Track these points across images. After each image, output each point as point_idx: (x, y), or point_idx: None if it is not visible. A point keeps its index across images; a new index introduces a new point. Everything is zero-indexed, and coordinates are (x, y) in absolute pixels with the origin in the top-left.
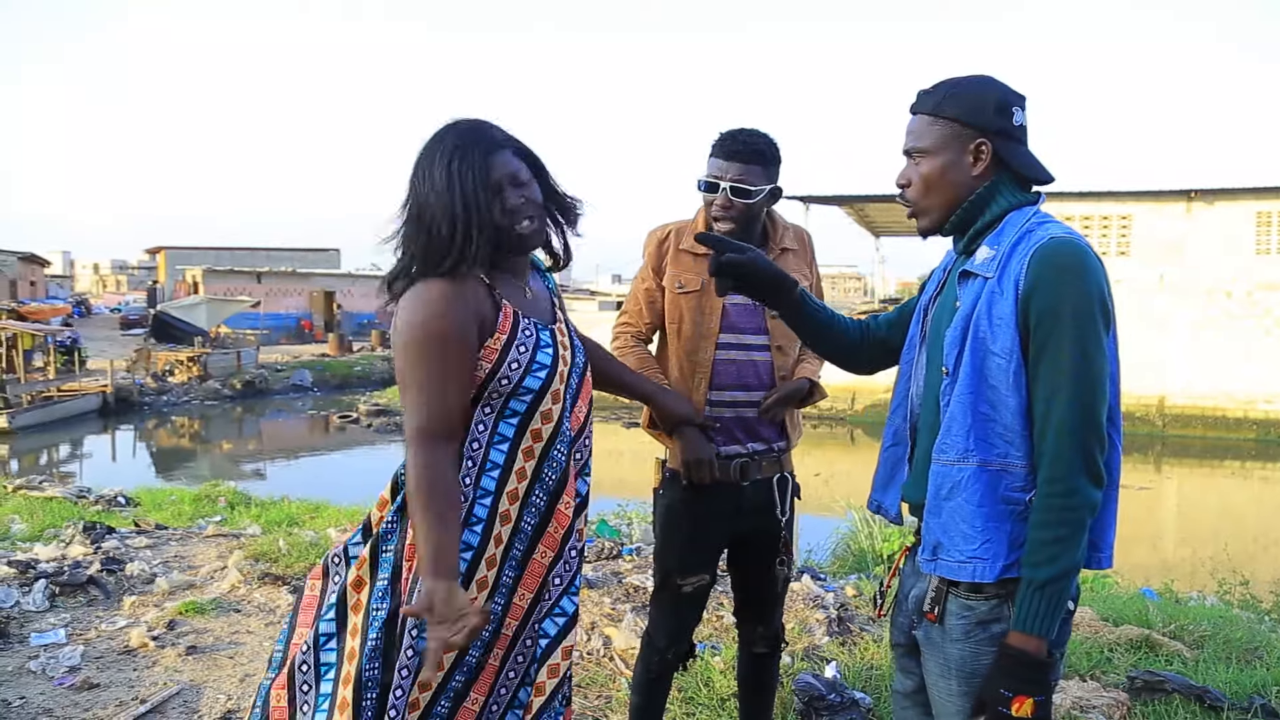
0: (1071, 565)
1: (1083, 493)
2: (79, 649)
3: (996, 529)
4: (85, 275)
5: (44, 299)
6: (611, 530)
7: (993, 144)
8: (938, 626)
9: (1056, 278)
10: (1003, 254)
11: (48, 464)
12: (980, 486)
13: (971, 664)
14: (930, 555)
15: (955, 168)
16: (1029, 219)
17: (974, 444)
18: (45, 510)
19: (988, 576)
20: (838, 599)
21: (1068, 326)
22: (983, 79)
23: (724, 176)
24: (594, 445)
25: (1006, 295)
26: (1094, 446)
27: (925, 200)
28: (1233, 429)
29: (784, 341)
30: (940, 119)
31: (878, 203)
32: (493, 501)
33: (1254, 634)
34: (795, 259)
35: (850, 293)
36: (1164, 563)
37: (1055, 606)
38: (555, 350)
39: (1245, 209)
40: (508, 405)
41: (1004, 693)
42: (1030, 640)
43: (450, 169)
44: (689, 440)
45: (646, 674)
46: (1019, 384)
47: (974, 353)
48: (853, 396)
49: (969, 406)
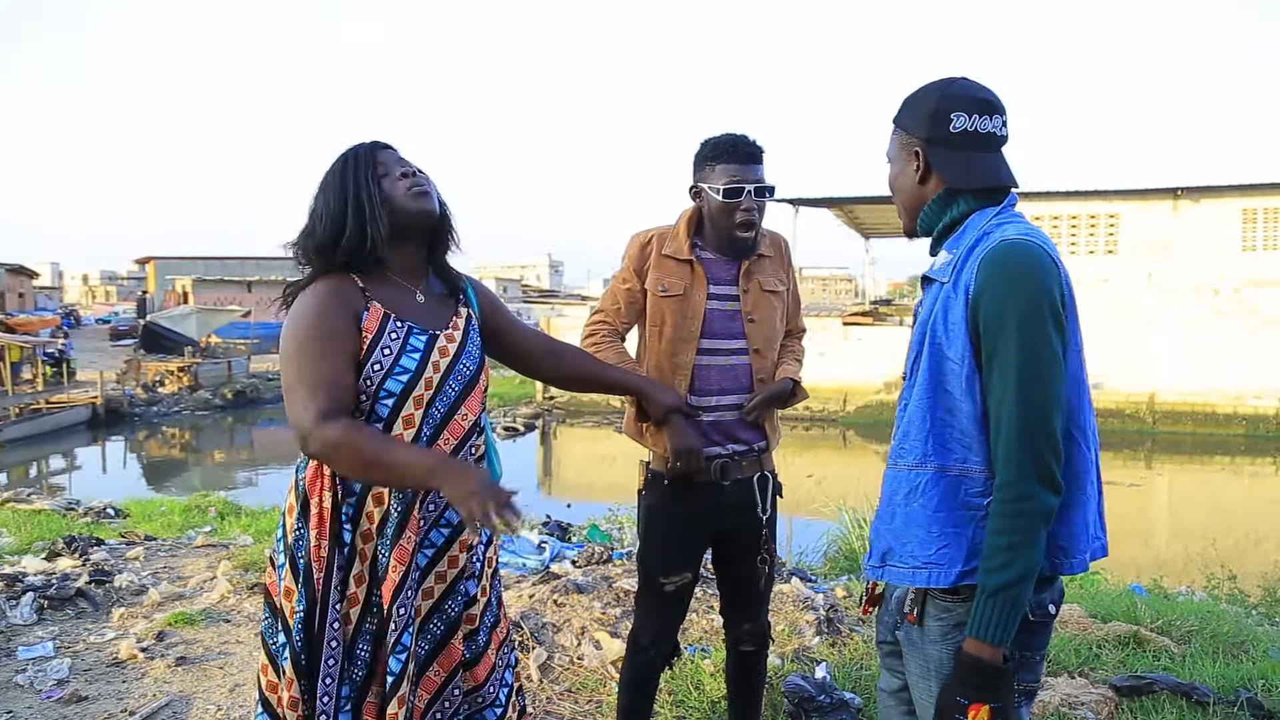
0: (1025, 571)
1: (1036, 498)
2: (67, 662)
3: (955, 534)
4: (74, 286)
5: (32, 311)
6: (602, 535)
7: (924, 151)
8: (917, 628)
9: (1003, 282)
10: (959, 258)
11: (37, 476)
12: (938, 491)
13: (949, 665)
14: (878, 562)
15: (904, 175)
16: (989, 220)
17: (932, 449)
18: (33, 523)
19: (943, 582)
20: (827, 600)
21: (1013, 331)
22: (935, 84)
23: (746, 179)
24: (586, 448)
25: (959, 300)
26: (1045, 451)
27: (897, 204)
28: (1222, 425)
29: (762, 345)
30: (896, 127)
31: (866, 204)
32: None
33: (1241, 628)
34: (771, 264)
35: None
36: (1155, 559)
37: (1010, 613)
38: (425, 356)
39: (1231, 206)
40: (374, 409)
41: (960, 700)
42: (985, 648)
43: (342, 167)
44: (677, 429)
45: (633, 674)
46: (973, 389)
47: (930, 358)
48: (844, 398)
49: (926, 411)
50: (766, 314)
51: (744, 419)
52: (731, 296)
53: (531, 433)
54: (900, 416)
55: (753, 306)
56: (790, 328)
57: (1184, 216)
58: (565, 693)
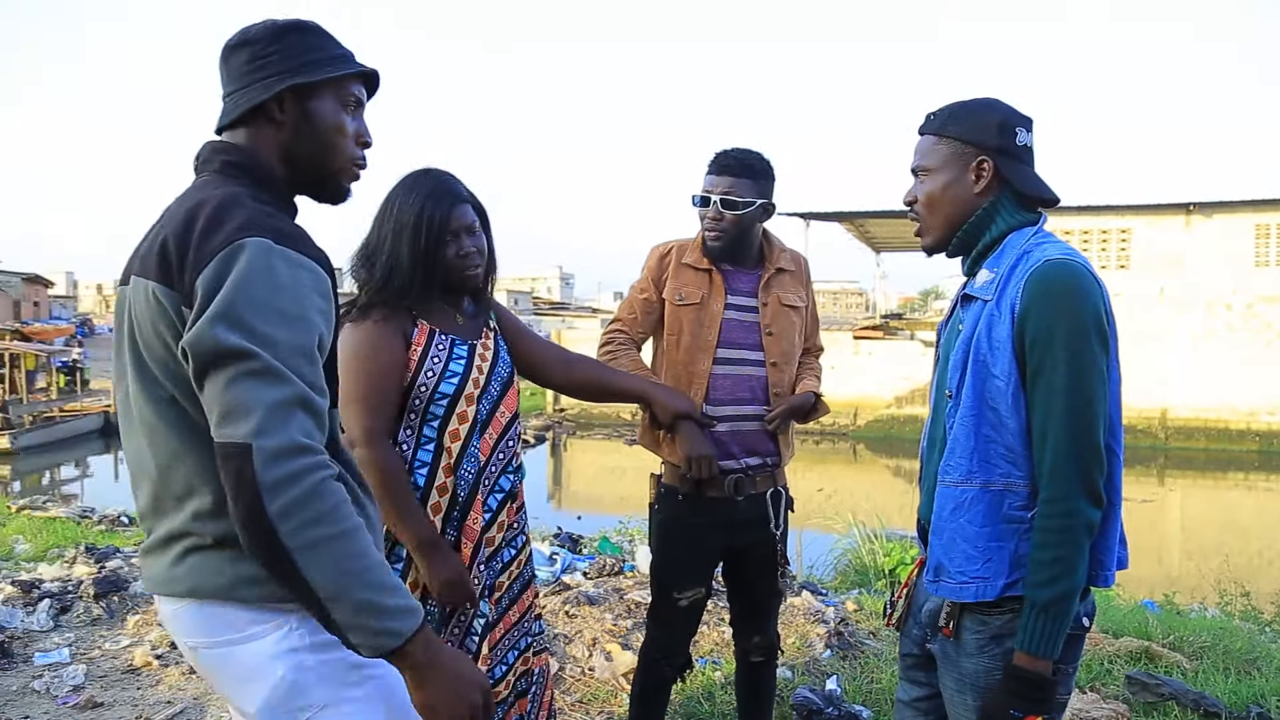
0: (1072, 586)
1: (1082, 513)
2: (83, 668)
3: (999, 548)
4: (89, 295)
5: (47, 319)
6: (614, 547)
7: (994, 162)
8: (953, 641)
9: (1049, 301)
10: (1001, 276)
11: (50, 484)
12: (983, 507)
13: (986, 678)
14: (934, 577)
15: (958, 185)
16: (1028, 240)
17: (977, 465)
18: (49, 530)
19: (989, 595)
20: (838, 613)
21: (1060, 350)
22: (987, 100)
23: (714, 190)
24: (597, 461)
25: (1004, 318)
26: (1092, 467)
27: (931, 217)
28: (1235, 441)
29: (779, 359)
30: (944, 138)
31: (877, 219)
32: (421, 495)
33: (1254, 645)
34: (791, 279)
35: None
36: (1168, 575)
37: (1058, 627)
38: (470, 361)
39: (1244, 222)
40: (429, 410)
41: (1013, 713)
42: (1036, 661)
43: (420, 213)
44: (688, 435)
45: (645, 687)
46: (1018, 406)
47: (975, 376)
48: (855, 412)
49: (972, 429)
50: (785, 328)
51: (765, 429)
52: (750, 308)
53: (542, 445)
54: (927, 432)
55: (771, 319)
56: (808, 346)
57: (1196, 232)
58: (577, 703)
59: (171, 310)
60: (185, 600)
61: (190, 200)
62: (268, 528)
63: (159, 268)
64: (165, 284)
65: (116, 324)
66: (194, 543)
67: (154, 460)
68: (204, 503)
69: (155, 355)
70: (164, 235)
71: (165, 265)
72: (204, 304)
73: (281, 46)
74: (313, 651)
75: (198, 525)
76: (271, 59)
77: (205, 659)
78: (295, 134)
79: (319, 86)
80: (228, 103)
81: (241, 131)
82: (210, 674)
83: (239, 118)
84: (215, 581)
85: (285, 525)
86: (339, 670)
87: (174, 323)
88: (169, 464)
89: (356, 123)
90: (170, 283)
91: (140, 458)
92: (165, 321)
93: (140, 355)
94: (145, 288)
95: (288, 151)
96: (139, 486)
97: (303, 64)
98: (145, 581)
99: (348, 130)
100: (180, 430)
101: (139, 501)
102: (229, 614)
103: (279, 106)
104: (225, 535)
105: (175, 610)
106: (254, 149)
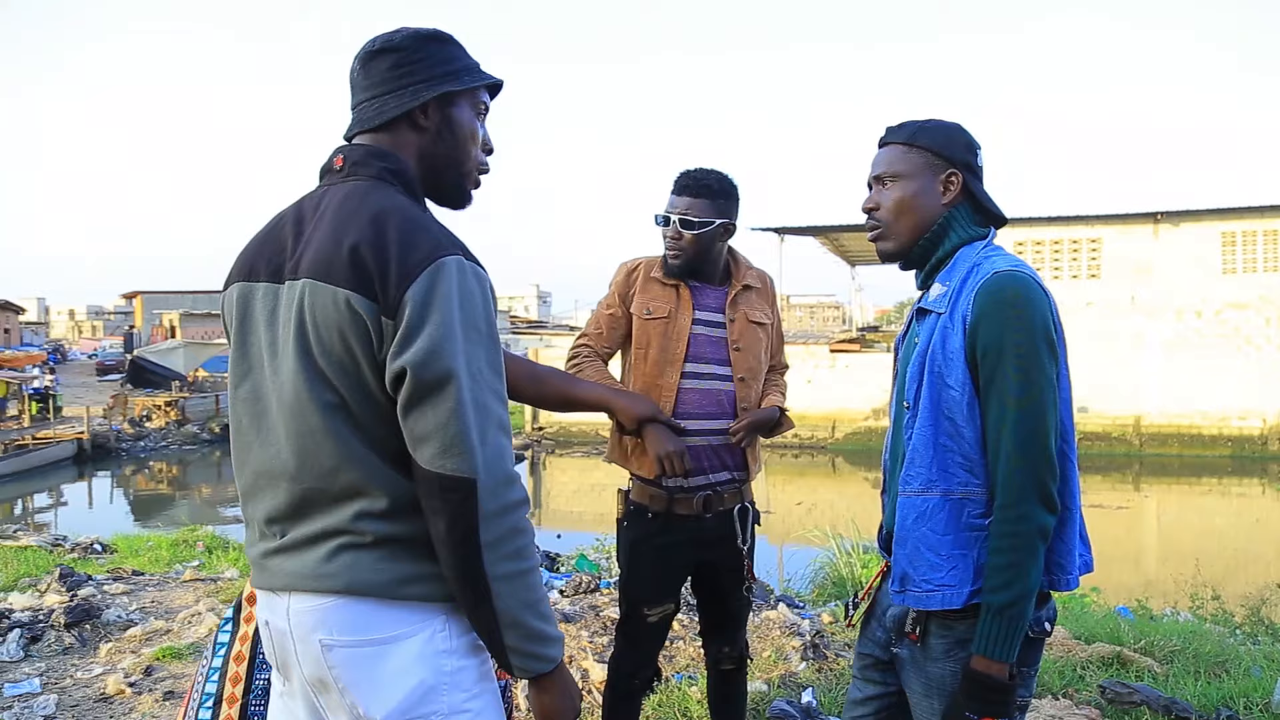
0: (1026, 590)
1: (1035, 518)
2: (54, 698)
3: (962, 556)
4: (61, 322)
5: (18, 346)
6: (591, 565)
7: (962, 176)
8: (920, 647)
9: (999, 312)
10: (953, 289)
11: (23, 513)
12: (944, 515)
13: (952, 682)
14: (899, 587)
15: (926, 194)
16: (978, 252)
17: (936, 474)
18: (20, 559)
19: (955, 603)
20: (813, 626)
21: (1011, 359)
22: (952, 122)
23: (674, 211)
24: (576, 479)
25: (956, 330)
26: (1044, 473)
27: (896, 223)
28: (1208, 446)
29: (746, 374)
30: (915, 148)
31: (852, 232)
32: None
33: (1223, 647)
34: (758, 297)
35: (829, 321)
36: (1143, 581)
37: (1014, 630)
38: None
39: (1210, 230)
40: None
41: (969, 715)
42: (991, 664)
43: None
44: (655, 435)
45: (615, 699)
46: (974, 416)
47: (931, 387)
48: (833, 425)
49: (930, 439)
50: (751, 344)
51: (730, 442)
52: (718, 323)
53: (520, 463)
54: (889, 444)
55: (739, 335)
56: (774, 363)
57: (1165, 240)
58: None
59: (369, 319)
60: (336, 596)
61: (370, 207)
62: (475, 555)
63: (354, 276)
64: (363, 294)
65: (242, 323)
66: (351, 540)
67: (312, 462)
68: (374, 504)
69: (334, 360)
70: (352, 242)
71: (362, 274)
72: (415, 321)
73: (426, 55)
74: (452, 656)
75: (361, 524)
76: (419, 66)
77: (342, 657)
78: (436, 139)
79: (460, 94)
80: (370, 107)
81: (384, 136)
82: (339, 671)
83: (382, 123)
84: (373, 579)
85: (491, 555)
86: (468, 679)
87: (367, 332)
88: (336, 466)
89: (483, 130)
90: (369, 293)
91: (286, 458)
92: (357, 330)
93: (312, 358)
94: (334, 294)
95: (426, 157)
96: (276, 486)
97: (448, 72)
98: (274, 578)
99: (479, 137)
100: (347, 434)
101: (268, 502)
102: (382, 612)
103: (424, 113)
104: (386, 535)
105: (319, 606)
106: (400, 155)
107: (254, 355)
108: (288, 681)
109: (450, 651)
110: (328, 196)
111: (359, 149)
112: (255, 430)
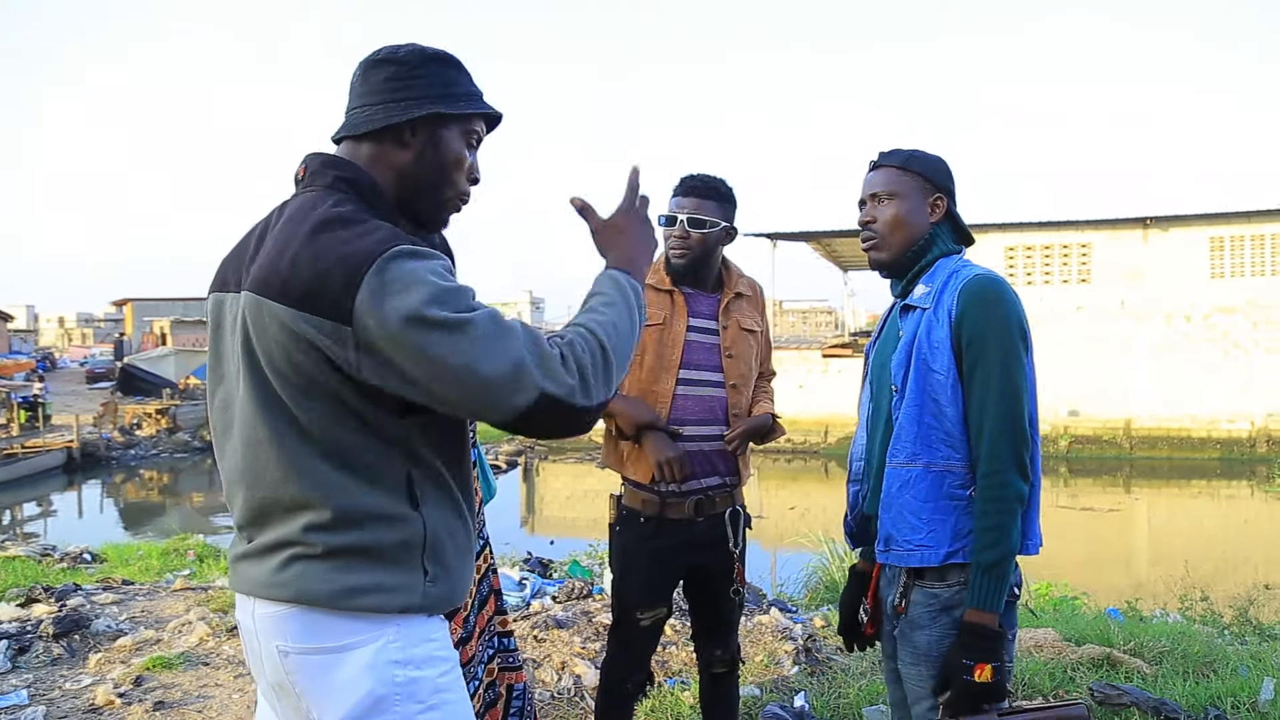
0: (1009, 548)
1: (1014, 485)
2: (42, 709)
3: (941, 522)
4: (50, 329)
5: (7, 354)
6: (583, 570)
7: (947, 201)
8: (905, 618)
9: (982, 307)
10: (936, 289)
11: (11, 523)
12: (926, 485)
13: (938, 648)
14: (884, 547)
15: (917, 212)
16: (955, 263)
17: (920, 448)
18: (8, 570)
19: (932, 561)
20: (806, 630)
21: (994, 346)
22: (935, 154)
23: (681, 211)
24: (569, 485)
25: (942, 323)
26: (1021, 446)
27: (891, 235)
28: (1198, 449)
29: (738, 381)
30: (909, 172)
31: (844, 238)
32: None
33: (1212, 648)
34: (748, 305)
35: (821, 326)
36: (1134, 583)
37: (1001, 585)
38: None
39: (1199, 235)
40: None
41: (966, 662)
42: (984, 615)
43: None
44: (655, 442)
45: (608, 704)
46: (956, 397)
47: (917, 371)
48: (825, 429)
49: (915, 417)
50: (743, 351)
51: (725, 450)
52: (711, 330)
53: (514, 470)
54: (857, 437)
55: (732, 342)
56: (762, 370)
57: (1154, 245)
58: None
59: (314, 331)
60: (289, 605)
61: (313, 219)
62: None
63: (295, 289)
64: (305, 309)
65: (215, 331)
66: (301, 551)
67: (262, 472)
68: (321, 516)
69: (279, 371)
70: (292, 254)
71: (305, 287)
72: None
73: (426, 73)
74: (404, 667)
75: (310, 536)
76: (416, 82)
77: (295, 663)
78: (419, 159)
79: (451, 118)
80: (360, 114)
81: (365, 145)
82: (295, 677)
83: (367, 132)
84: (322, 589)
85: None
86: (423, 690)
87: (312, 343)
88: (283, 477)
89: (471, 158)
90: (313, 308)
91: (242, 467)
92: (300, 342)
93: (258, 369)
94: (272, 308)
95: (406, 174)
96: (238, 494)
97: (444, 94)
98: (241, 583)
99: (465, 164)
100: (294, 444)
101: (238, 509)
102: (331, 622)
103: (411, 129)
104: (336, 546)
105: (274, 613)
106: (370, 166)
107: (225, 363)
108: (259, 681)
109: (402, 662)
110: (287, 207)
111: (318, 158)
112: (225, 438)
